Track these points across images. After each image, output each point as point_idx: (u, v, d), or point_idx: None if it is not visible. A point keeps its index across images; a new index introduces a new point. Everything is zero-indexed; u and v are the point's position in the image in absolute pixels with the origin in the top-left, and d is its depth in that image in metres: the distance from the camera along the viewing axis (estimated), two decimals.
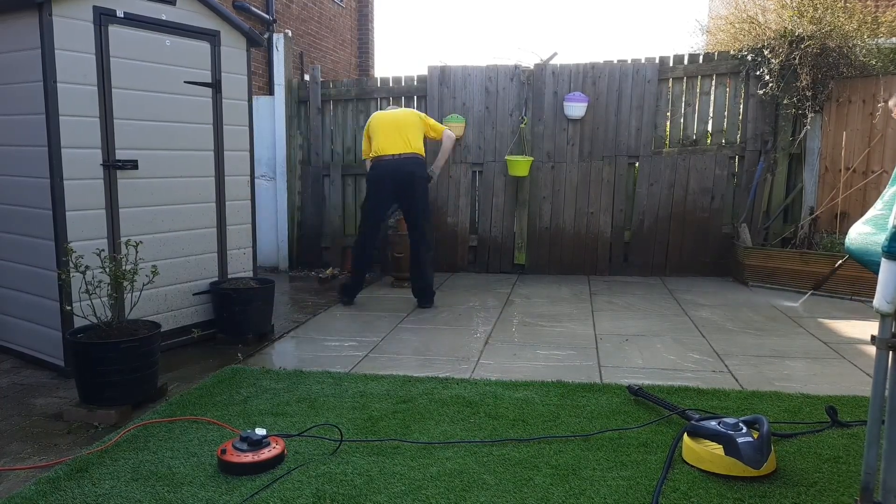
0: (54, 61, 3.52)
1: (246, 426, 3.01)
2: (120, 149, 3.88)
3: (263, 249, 7.13)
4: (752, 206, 6.61)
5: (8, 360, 4.09)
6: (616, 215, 6.91)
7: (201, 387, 3.58)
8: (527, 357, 4.14)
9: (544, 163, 6.93)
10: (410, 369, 3.89)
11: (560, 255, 7.03)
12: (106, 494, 2.45)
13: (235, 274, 4.67)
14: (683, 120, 6.80)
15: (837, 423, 3.01)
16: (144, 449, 2.82)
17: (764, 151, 6.56)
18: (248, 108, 4.66)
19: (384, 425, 3.05)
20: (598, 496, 2.41)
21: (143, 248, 3.58)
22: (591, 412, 3.19)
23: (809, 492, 2.43)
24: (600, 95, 6.77)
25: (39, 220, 3.71)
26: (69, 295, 3.45)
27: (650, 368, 3.91)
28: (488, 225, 7.12)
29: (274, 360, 4.16)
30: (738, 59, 6.55)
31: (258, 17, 8.98)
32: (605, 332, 4.70)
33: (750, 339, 4.48)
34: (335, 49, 12.16)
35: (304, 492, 2.45)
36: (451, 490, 2.46)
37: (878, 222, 2.07)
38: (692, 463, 2.63)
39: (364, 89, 7.30)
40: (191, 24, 4.19)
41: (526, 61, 6.98)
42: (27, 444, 2.95)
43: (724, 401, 3.33)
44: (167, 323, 4.13)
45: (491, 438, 2.90)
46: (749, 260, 6.24)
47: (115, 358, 3.15)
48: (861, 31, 6.12)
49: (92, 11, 3.67)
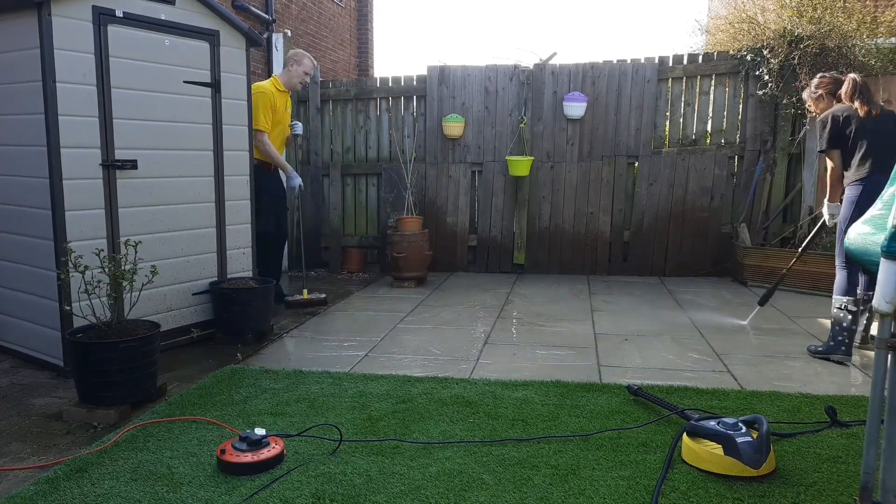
0: (53, 61, 3.52)
1: (245, 426, 3.01)
2: (119, 148, 3.88)
3: None
4: (752, 205, 6.61)
5: (7, 359, 4.08)
6: (615, 215, 6.91)
7: (201, 387, 3.58)
8: (526, 357, 4.14)
9: (544, 163, 6.93)
10: (410, 369, 3.89)
11: (559, 255, 7.03)
12: (105, 494, 2.45)
13: (235, 274, 4.67)
14: (683, 120, 6.81)
15: (837, 422, 3.01)
16: (144, 449, 2.82)
17: (763, 151, 6.56)
18: (247, 107, 4.65)
19: (384, 425, 3.05)
20: (598, 496, 2.41)
21: (142, 247, 3.57)
22: (590, 412, 3.19)
23: (808, 492, 2.43)
24: (600, 95, 6.77)
25: (39, 220, 3.71)
26: (68, 295, 3.44)
27: (649, 368, 3.91)
28: (488, 225, 7.12)
29: (273, 360, 4.15)
30: (738, 59, 6.55)
31: (257, 17, 8.96)
32: (605, 332, 4.70)
33: (749, 339, 4.48)
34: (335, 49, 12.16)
35: (303, 492, 2.44)
36: (450, 490, 2.46)
37: (878, 222, 2.07)
38: (691, 463, 2.63)
39: (363, 89, 7.30)
40: (190, 24, 4.19)
41: (525, 61, 7.02)
42: (26, 444, 2.94)
43: (724, 400, 3.33)
44: (166, 323, 4.12)
45: (490, 438, 2.90)
46: (748, 260, 6.24)
47: (115, 358, 3.15)
48: (860, 31, 6.13)
49: (91, 11, 3.66)
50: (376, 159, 7.33)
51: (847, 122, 4.02)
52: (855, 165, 4.02)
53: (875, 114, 3.98)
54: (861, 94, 4.00)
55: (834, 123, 4.06)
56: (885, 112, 4.06)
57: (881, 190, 4.11)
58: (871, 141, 3.95)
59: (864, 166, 3.97)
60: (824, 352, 4.11)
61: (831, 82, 4.22)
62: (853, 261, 3.95)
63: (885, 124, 3.99)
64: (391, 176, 7.17)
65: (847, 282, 4.04)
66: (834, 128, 4.05)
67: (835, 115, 4.07)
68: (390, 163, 7.20)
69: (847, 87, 4.06)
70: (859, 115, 3.99)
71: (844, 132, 4.03)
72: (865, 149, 3.97)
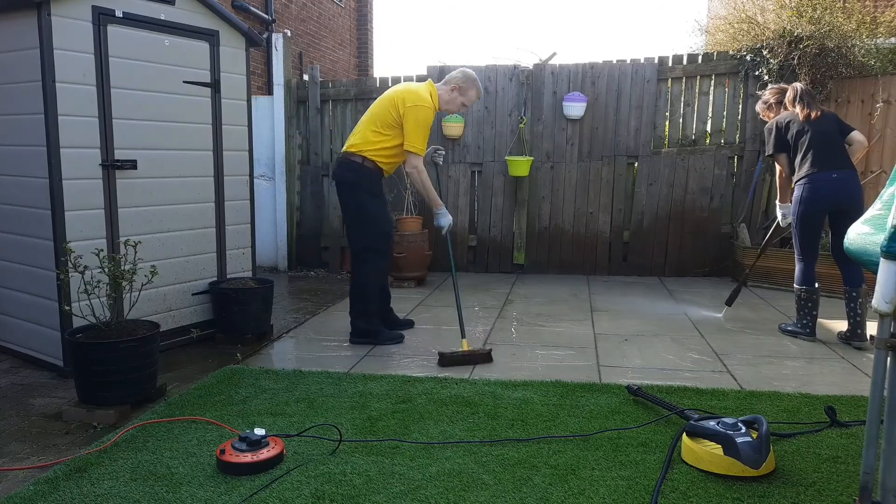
0: (53, 61, 3.52)
1: (245, 426, 3.01)
2: (119, 148, 3.88)
3: (262, 249, 7.14)
4: (751, 205, 6.61)
5: (7, 359, 4.08)
6: (615, 215, 6.91)
7: (200, 387, 3.58)
8: (526, 357, 4.14)
9: (543, 163, 6.93)
10: (409, 369, 3.89)
11: (559, 255, 7.03)
12: (105, 494, 2.45)
13: (234, 274, 4.67)
14: (682, 120, 6.81)
15: (836, 422, 3.02)
16: (143, 449, 2.82)
17: (763, 151, 6.56)
18: (247, 107, 4.65)
19: (383, 425, 3.05)
20: (598, 496, 2.41)
21: (142, 247, 3.57)
22: (590, 412, 3.19)
23: (808, 492, 2.43)
24: (599, 95, 6.77)
25: (38, 220, 3.71)
26: (68, 295, 3.44)
27: (649, 368, 3.91)
28: (487, 225, 7.12)
29: (273, 360, 4.15)
30: (737, 59, 6.55)
31: (257, 17, 8.98)
32: (604, 332, 4.70)
33: (749, 339, 4.49)
34: (334, 49, 12.16)
35: (303, 492, 2.44)
36: (449, 490, 2.46)
37: (877, 222, 2.07)
38: (691, 463, 2.63)
39: (363, 89, 7.30)
40: (190, 24, 4.19)
41: (525, 61, 7.03)
42: (26, 444, 2.94)
43: (723, 400, 3.33)
44: (166, 323, 4.12)
45: (490, 438, 2.90)
46: (748, 260, 6.24)
47: (114, 358, 3.15)
48: (860, 32, 6.13)
49: (91, 11, 3.66)
50: None
51: (788, 126, 4.41)
52: (797, 165, 4.36)
53: (815, 116, 4.31)
54: (801, 99, 4.37)
55: (777, 129, 4.47)
56: (825, 113, 4.39)
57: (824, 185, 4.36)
58: (811, 141, 4.28)
59: (805, 165, 4.30)
60: (792, 331, 4.56)
61: (778, 92, 4.63)
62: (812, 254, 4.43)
63: (824, 125, 4.31)
64: (391, 176, 7.14)
65: (803, 273, 4.45)
66: (777, 133, 4.47)
67: (778, 122, 4.48)
68: None
69: (790, 95, 4.46)
70: (800, 119, 4.34)
71: (786, 136, 4.42)
72: (805, 149, 4.30)
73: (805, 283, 4.42)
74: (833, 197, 4.23)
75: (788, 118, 4.42)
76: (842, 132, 4.33)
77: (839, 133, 4.32)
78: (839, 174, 4.22)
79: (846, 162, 4.27)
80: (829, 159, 4.25)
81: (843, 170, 4.23)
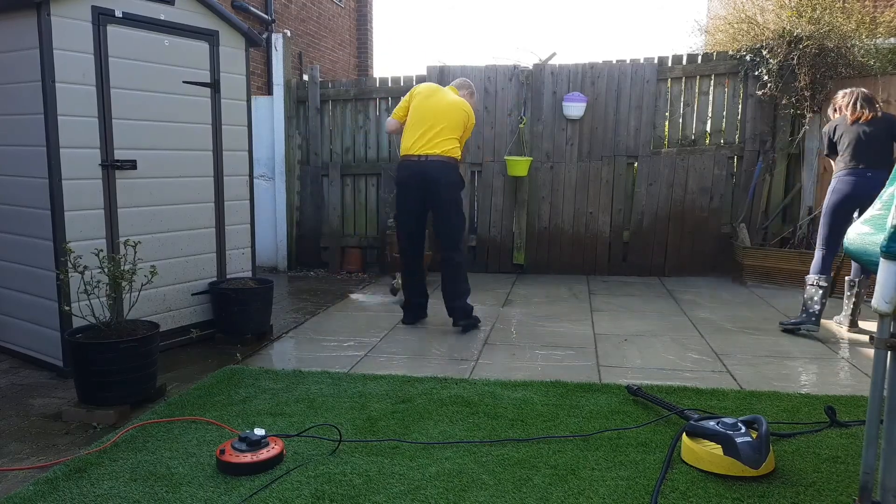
0: (53, 61, 3.52)
1: (245, 426, 3.01)
2: (118, 148, 3.88)
3: (262, 249, 7.13)
4: (751, 205, 6.62)
5: (7, 360, 4.08)
6: (615, 215, 6.91)
7: (200, 387, 3.57)
8: (525, 357, 4.14)
9: (543, 163, 6.93)
10: (409, 369, 3.89)
11: (559, 255, 7.03)
12: (104, 495, 2.45)
13: (234, 274, 4.67)
14: (682, 120, 6.81)
15: (836, 422, 3.02)
16: (143, 449, 2.82)
17: (762, 151, 6.57)
18: (246, 107, 4.65)
19: (383, 425, 3.05)
20: (597, 496, 2.41)
21: (141, 248, 3.57)
22: (589, 412, 3.19)
23: (808, 491, 2.43)
24: (599, 95, 6.77)
25: (38, 220, 3.71)
26: (68, 295, 3.44)
27: (649, 368, 3.91)
28: (487, 225, 7.12)
29: (273, 361, 4.15)
30: (737, 59, 6.55)
31: (257, 17, 8.98)
32: (604, 332, 4.70)
33: (748, 339, 4.49)
34: (334, 49, 12.16)
35: (302, 492, 2.44)
36: (449, 490, 2.46)
37: (877, 222, 2.07)
38: (691, 463, 2.63)
39: (363, 89, 7.30)
40: (189, 24, 4.19)
41: (525, 61, 7.02)
42: (25, 444, 2.94)
43: (723, 401, 3.33)
44: (166, 323, 4.12)
45: (490, 438, 2.90)
46: (747, 260, 6.25)
47: (114, 358, 3.15)
48: (859, 32, 6.13)
49: (90, 11, 3.66)
50: (376, 159, 7.33)
51: (836, 129, 4.58)
52: (838, 161, 4.57)
53: (865, 118, 4.44)
54: (853, 104, 4.52)
55: (828, 132, 4.66)
56: (881, 115, 4.48)
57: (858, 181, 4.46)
58: (852, 140, 4.44)
59: (843, 161, 4.49)
60: (795, 324, 4.57)
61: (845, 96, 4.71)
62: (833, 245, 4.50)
63: (873, 126, 4.42)
64: (391, 176, 7.16)
65: (822, 262, 4.54)
66: (828, 136, 4.65)
67: (830, 126, 4.65)
68: (390, 163, 7.19)
69: (845, 99, 4.61)
70: (848, 122, 4.49)
71: (834, 139, 4.60)
72: (846, 146, 4.48)
73: (822, 271, 4.51)
74: (865, 195, 4.22)
75: (837, 121, 4.59)
76: (893, 136, 4.42)
77: (889, 136, 4.41)
78: (874, 173, 4.31)
79: (884, 163, 4.33)
80: (867, 158, 4.38)
81: (878, 170, 4.31)
